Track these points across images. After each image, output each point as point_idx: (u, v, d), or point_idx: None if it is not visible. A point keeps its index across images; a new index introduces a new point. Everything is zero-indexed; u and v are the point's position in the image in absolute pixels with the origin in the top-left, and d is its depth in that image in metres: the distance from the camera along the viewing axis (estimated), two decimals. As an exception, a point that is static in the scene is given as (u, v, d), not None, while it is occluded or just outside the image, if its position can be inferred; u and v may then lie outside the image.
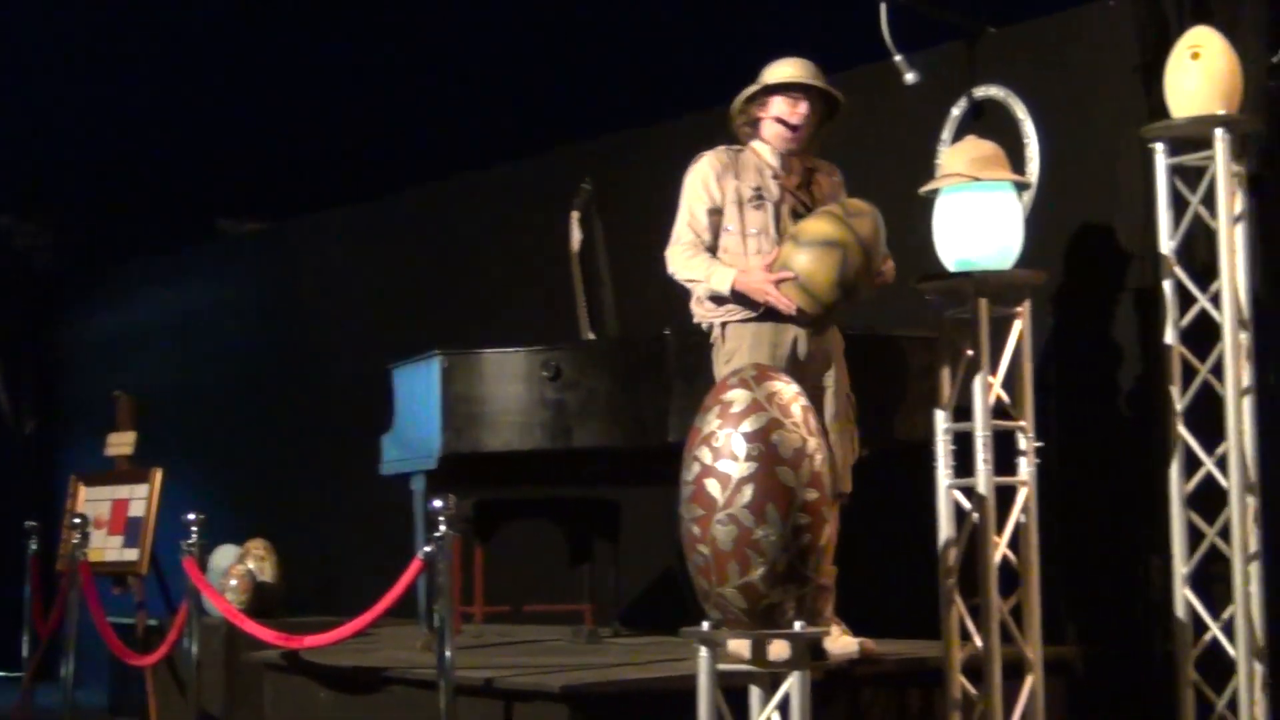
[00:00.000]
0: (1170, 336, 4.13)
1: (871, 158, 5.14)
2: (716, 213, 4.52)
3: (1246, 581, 3.98)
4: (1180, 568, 4.09)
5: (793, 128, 4.51)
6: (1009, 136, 4.67)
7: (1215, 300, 4.05)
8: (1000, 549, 3.95)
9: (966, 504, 3.97)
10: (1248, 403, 4.03)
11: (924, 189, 4.21)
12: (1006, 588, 3.97)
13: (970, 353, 4.01)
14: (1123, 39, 4.52)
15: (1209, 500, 4.11)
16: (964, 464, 4.01)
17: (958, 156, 4.11)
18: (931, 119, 5.10)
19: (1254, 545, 4.01)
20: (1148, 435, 4.32)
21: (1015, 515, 3.98)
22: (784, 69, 4.56)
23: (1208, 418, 4.09)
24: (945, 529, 4.03)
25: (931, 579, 4.08)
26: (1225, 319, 4.01)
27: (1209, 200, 4.07)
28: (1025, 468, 4.00)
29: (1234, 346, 4.00)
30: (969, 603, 3.97)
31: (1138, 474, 4.43)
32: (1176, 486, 4.10)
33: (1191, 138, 4.09)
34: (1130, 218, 4.50)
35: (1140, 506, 4.44)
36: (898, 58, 4.89)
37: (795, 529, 3.15)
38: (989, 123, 4.86)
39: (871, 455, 4.36)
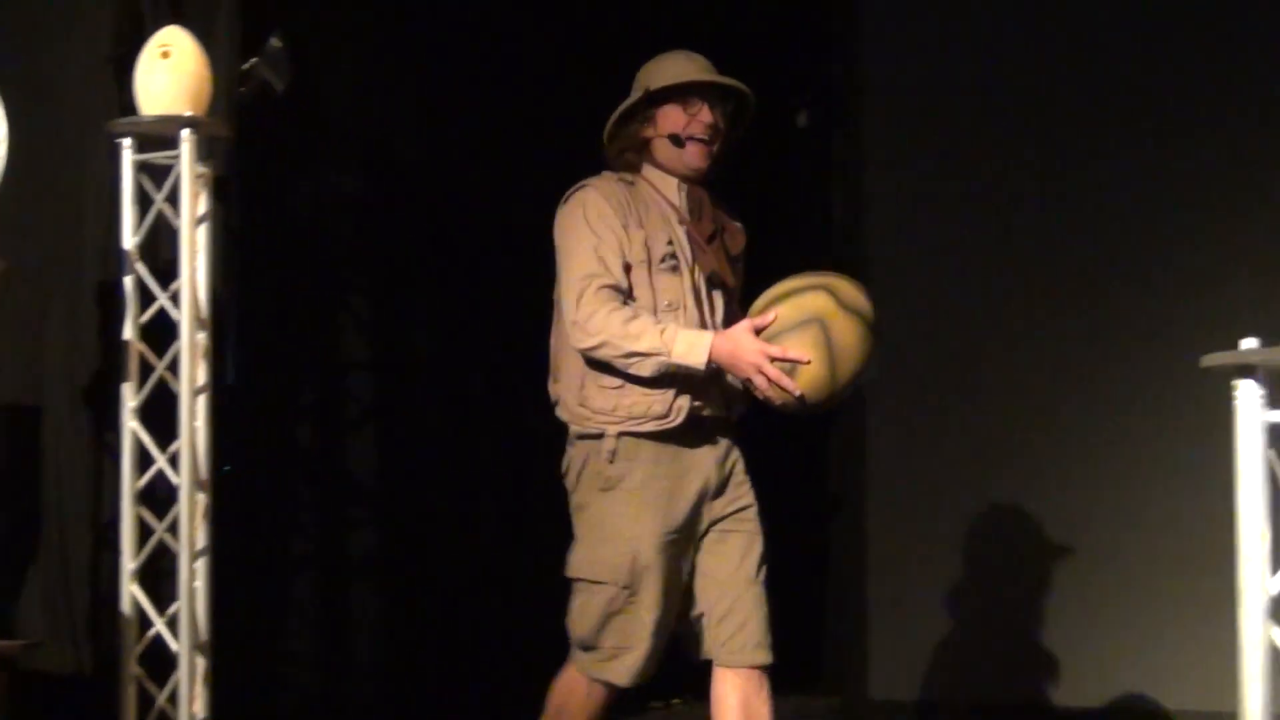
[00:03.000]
0: (129, 332, 4.11)
1: None
2: (627, 267, 3.33)
3: (193, 578, 4.05)
4: (128, 564, 4.08)
5: (699, 144, 3.44)
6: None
7: (175, 299, 4.08)
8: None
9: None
10: (202, 401, 4.09)
11: None
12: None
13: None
14: (98, 29, 4.44)
15: (160, 497, 4.13)
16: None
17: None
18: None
19: (201, 541, 4.08)
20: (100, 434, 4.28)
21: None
22: (670, 69, 3.49)
23: (162, 415, 4.12)
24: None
25: None
26: (184, 318, 4.05)
27: (174, 199, 4.10)
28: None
29: (191, 345, 4.05)
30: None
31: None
32: (128, 483, 4.09)
33: (159, 136, 4.09)
34: (100, 212, 4.43)
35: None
36: None
37: None
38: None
39: None
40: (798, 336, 3.17)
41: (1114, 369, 5.51)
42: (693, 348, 3.21)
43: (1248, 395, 2.73)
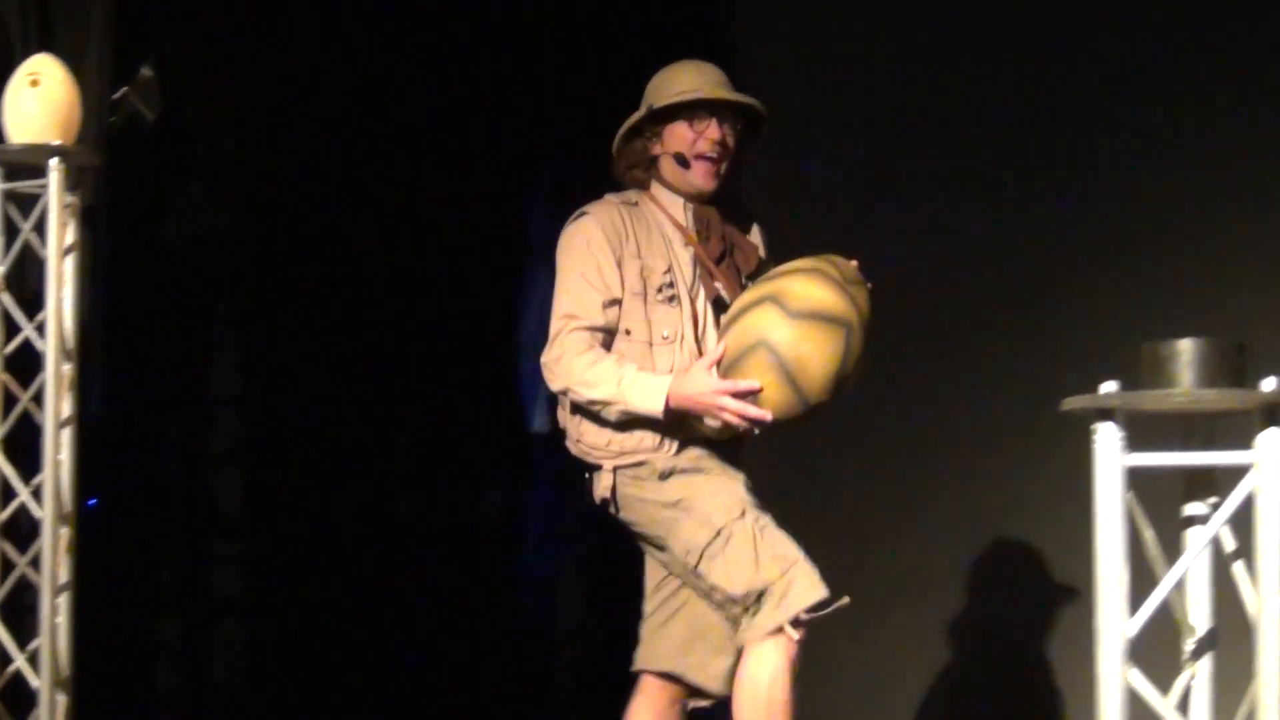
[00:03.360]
0: (-6, 363, 4.05)
1: None
2: (614, 304, 3.24)
3: (55, 613, 3.97)
4: (-13, 599, 4.01)
5: (707, 162, 3.30)
6: None
7: (41, 329, 4.02)
8: None
9: None
10: (67, 433, 4.02)
11: None
12: None
13: None
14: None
15: (23, 531, 4.06)
16: None
17: None
18: None
19: (64, 576, 4.00)
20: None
21: None
22: (676, 82, 3.34)
23: (26, 447, 4.04)
24: None
25: None
26: (50, 348, 3.98)
27: (41, 229, 4.04)
28: None
29: (56, 376, 3.98)
30: None
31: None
32: (-10, 516, 4.02)
33: (27, 164, 4.03)
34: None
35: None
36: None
37: None
38: None
39: None
40: (744, 365, 3.08)
41: (975, 411, 5.60)
42: (648, 395, 3.12)
43: (1107, 438, 2.80)
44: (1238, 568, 2.93)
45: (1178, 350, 2.82)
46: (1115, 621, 2.78)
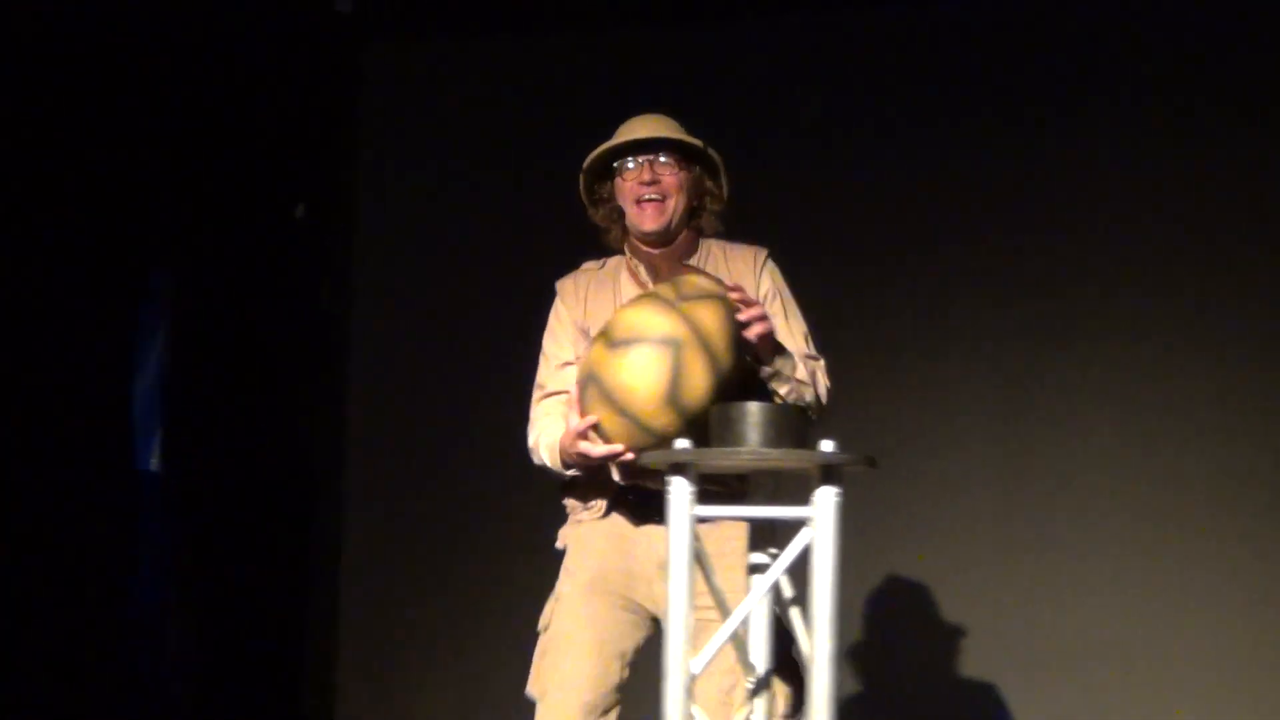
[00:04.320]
0: None
1: None
2: (566, 365, 3.38)
3: None
4: None
5: (639, 204, 3.36)
6: None
7: None
8: None
9: None
10: None
11: None
12: None
13: None
14: None
15: None
16: None
17: None
18: None
19: None
20: None
21: None
22: (624, 129, 3.45)
23: None
24: None
25: None
26: None
27: None
28: None
29: None
30: None
31: None
32: None
33: None
34: None
35: None
36: None
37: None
38: None
39: None
40: (585, 404, 3.16)
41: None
42: (551, 451, 3.32)
43: (679, 490, 3.02)
44: (794, 613, 3.20)
45: (746, 411, 3.07)
46: (679, 659, 3.00)
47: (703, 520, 3.04)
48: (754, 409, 3.07)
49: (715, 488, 3.33)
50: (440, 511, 6.29)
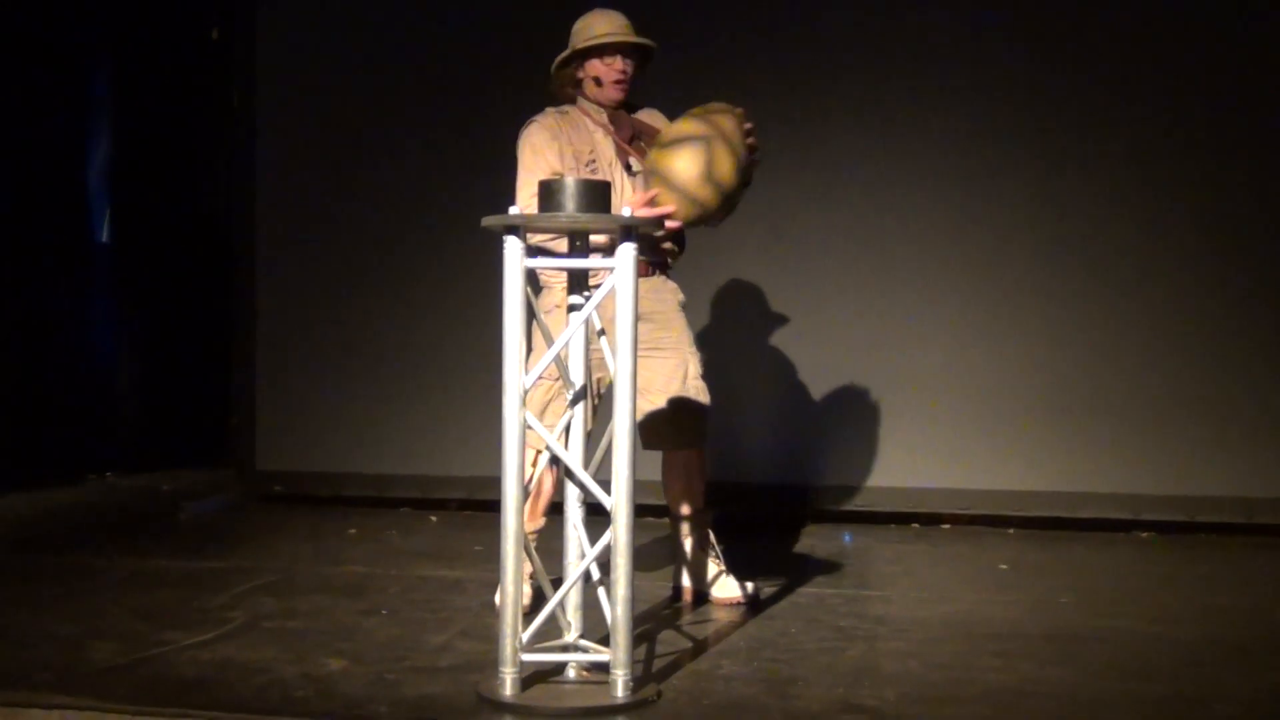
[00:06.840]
0: None
1: None
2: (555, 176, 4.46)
3: None
4: None
5: (615, 84, 4.73)
6: None
7: None
8: None
9: None
10: None
11: None
12: None
13: None
14: None
15: None
16: None
17: None
18: None
19: None
20: None
21: None
22: (591, 28, 4.74)
23: None
24: None
25: None
26: None
27: None
28: None
29: None
30: None
31: None
32: None
33: None
34: None
35: None
36: None
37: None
38: None
39: None
40: (648, 186, 4.36)
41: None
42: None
43: (513, 247, 3.88)
44: (602, 342, 4.12)
45: (565, 185, 3.92)
46: (515, 377, 3.89)
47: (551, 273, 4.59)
48: (570, 183, 3.93)
49: (653, 257, 4.95)
50: (342, 271, 7.76)
